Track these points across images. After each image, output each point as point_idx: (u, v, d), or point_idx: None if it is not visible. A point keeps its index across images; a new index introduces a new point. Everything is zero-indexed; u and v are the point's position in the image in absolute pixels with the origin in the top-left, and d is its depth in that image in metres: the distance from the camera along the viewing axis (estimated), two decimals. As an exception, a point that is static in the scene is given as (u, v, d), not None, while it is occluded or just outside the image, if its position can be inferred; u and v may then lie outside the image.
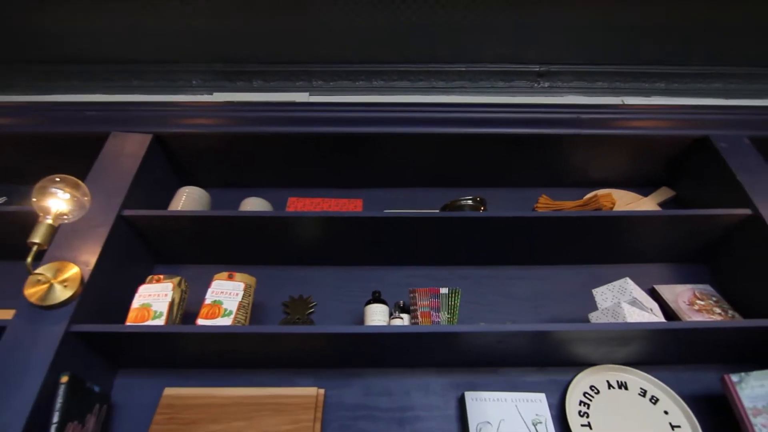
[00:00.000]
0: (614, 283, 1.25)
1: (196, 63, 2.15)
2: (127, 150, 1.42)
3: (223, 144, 1.55)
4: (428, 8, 1.92)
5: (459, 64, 2.18)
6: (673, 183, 1.70)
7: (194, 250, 1.46)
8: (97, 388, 1.15)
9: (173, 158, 1.58)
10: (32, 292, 1.08)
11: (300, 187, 1.70)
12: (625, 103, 2.20)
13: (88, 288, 1.14)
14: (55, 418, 1.00)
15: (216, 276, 1.26)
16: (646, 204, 1.65)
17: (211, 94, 2.19)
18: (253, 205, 1.49)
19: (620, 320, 1.16)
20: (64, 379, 1.03)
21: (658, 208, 1.65)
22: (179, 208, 1.45)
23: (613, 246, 1.44)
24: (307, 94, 2.20)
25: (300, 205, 1.54)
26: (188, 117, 1.53)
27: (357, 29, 2.00)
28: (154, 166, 1.48)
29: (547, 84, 2.25)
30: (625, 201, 1.66)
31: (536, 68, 2.21)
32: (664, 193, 1.69)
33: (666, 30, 2.05)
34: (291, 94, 2.19)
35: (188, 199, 1.47)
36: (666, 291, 1.43)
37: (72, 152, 1.51)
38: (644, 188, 1.73)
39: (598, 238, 1.40)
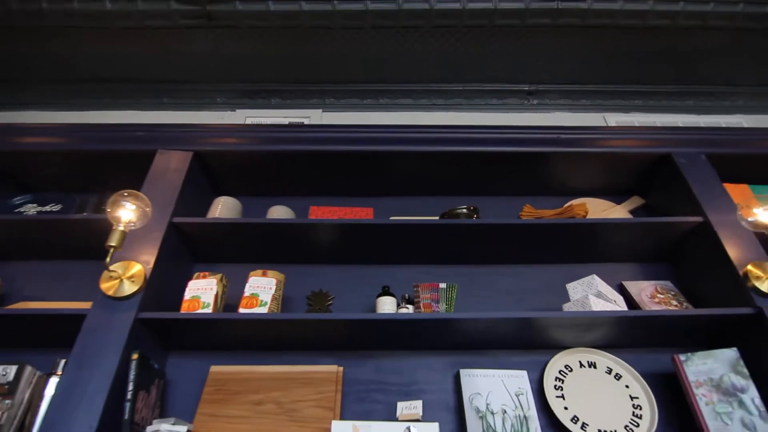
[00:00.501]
0: (583, 279, 1.50)
1: (220, 83, 2.40)
2: (172, 165, 1.67)
3: (252, 159, 1.79)
4: (427, 38, 2.18)
5: (456, 84, 2.43)
6: (644, 192, 1.95)
7: (229, 251, 1.71)
8: (156, 365, 1.39)
9: (209, 171, 1.82)
10: (107, 286, 1.33)
11: (319, 196, 1.94)
12: (606, 119, 2.45)
13: (149, 283, 1.38)
14: (130, 387, 1.24)
15: (252, 273, 1.50)
16: (619, 211, 1.89)
17: (234, 111, 2.44)
18: (279, 212, 1.74)
19: (587, 310, 1.40)
20: (135, 356, 1.28)
21: (629, 215, 1.90)
22: (216, 216, 1.70)
23: (586, 248, 1.69)
24: (321, 110, 2.45)
25: (320, 212, 1.78)
26: (222, 137, 1.77)
27: (366, 55, 2.25)
28: (195, 179, 1.72)
29: (536, 101, 2.50)
30: (601, 208, 1.91)
31: (526, 87, 2.46)
32: (635, 202, 1.93)
33: (642, 54, 2.30)
34: (306, 111, 2.44)
35: (224, 208, 1.72)
36: (632, 286, 1.68)
37: (124, 166, 1.76)
38: (618, 197, 1.98)
39: (573, 241, 1.64)
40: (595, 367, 1.51)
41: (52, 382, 1.26)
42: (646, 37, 2.19)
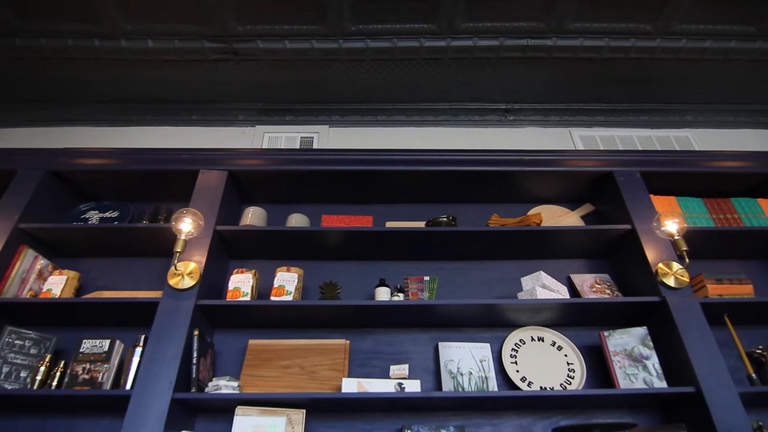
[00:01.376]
0: (533, 274, 1.94)
1: (242, 103, 2.82)
2: (212, 183, 2.09)
3: (273, 176, 2.21)
4: (418, 68, 2.58)
5: (443, 103, 2.85)
6: (594, 200, 2.38)
7: (257, 251, 2.14)
8: (209, 339, 1.85)
9: (240, 185, 2.25)
10: (174, 281, 1.77)
11: (329, 204, 2.37)
12: (572, 133, 2.86)
13: (203, 277, 1.83)
14: (194, 354, 1.70)
15: (278, 269, 1.94)
16: (572, 216, 2.33)
17: (254, 127, 2.86)
18: (296, 219, 2.17)
19: (529, 295, 1.85)
20: (196, 332, 1.73)
21: (580, 220, 2.33)
22: (248, 222, 2.13)
23: (540, 248, 2.13)
24: (327, 126, 2.86)
25: (330, 220, 2.21)
26: (250, 158, 2.19)
27: (366, 82, 2.67)
28: (229, 192, 2.15)
29: (511, 117, 2.91)
30: (558, 214, 2.34)
31: (503, 106, 2.87)
32: (586, 208, 2.37)
33: (601, 78, 2.71)
34: (315, 126, 2.86)
35: (253, 216, 2.15)
36: (577, 278, 2.13)
37: (171, 182, 2.19)
38: (573, 203, 2.41)
39: (530, 243, 2.09)
40: (542, 341, 1.97)
41: (137, 352, 1.71)
42: (603, 66, 2.59)
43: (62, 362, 1.75)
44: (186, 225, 1.77)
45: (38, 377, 1.69)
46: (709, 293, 1.93)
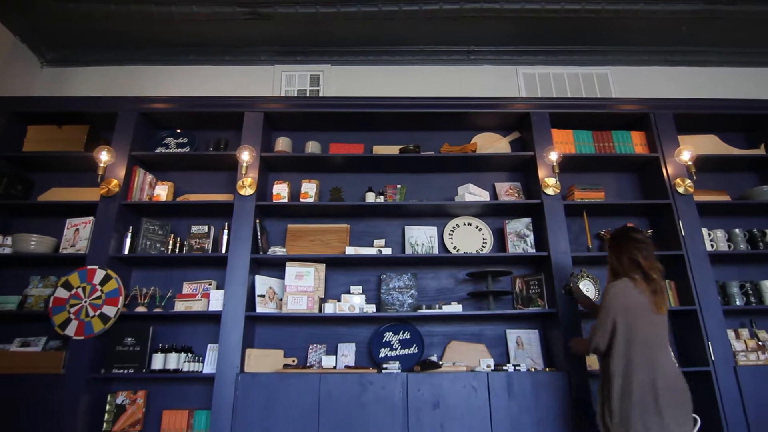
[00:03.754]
0: (464, 185, 3.05)
1: (263, 46, 3.62)
2: (254, 121, 3.07)
3: (294, 115, 3.18)
4: (400, 20, 3.36)
5: (420, 46, 3.66)
6: (520, 129, 3.37)
7: (287, 166, 3.21)
8: (264, 224, 3.02)
9: (271, 121, 3.23)
10: (241, 191, 2.87)
11: (334, 132, 3.36)
12: (518, 70, 3.72)
13: (258, 187, 2.92)
14: (259, 232, 2.88)
15: (303, 180, 3.04)
16: (503, 141, 3.35)
17: (273, 66, 3.70)
18: (312, 146, 3.18)
19: (461, 200, 2.99)
20: (258, 221, 2.89)
21: (508, 145, 3.35)
22: (279, 149, 3.15)
23: (476, 165, 3.20)
24: (330, 65, 3.71)
25: (335, 147, 3.21)
26: (278, 103, 3.13)
27: (360, 31, 3.46)
28: (266, 127, 3.14)
29: (473, 57, 3.76)
30: (493, 140, 3.36)
31: (466, 48, 3.68)
32: (514, 135, 3.37)
33: (541, 26, 3.49)
34: (320, 65, 3.71)
35: (283, 144, 3.17)
36: (498, 186, 3.24)
37: (223, 119, 3.17)
38: (506, 131, 3.40)
39: (468, 163, 3.15)
40: (470, 225, 3.15)
41: (225, 233, 2.88)
42: (543, 16, 3.36)
43: (178, 239, 2.95)
44: (245, 155, 2.83)
45: (169, 247, 2.90)
46: (575, 197, 3.06)
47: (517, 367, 2.59)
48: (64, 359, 2.57)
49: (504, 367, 2.60)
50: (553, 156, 2.93)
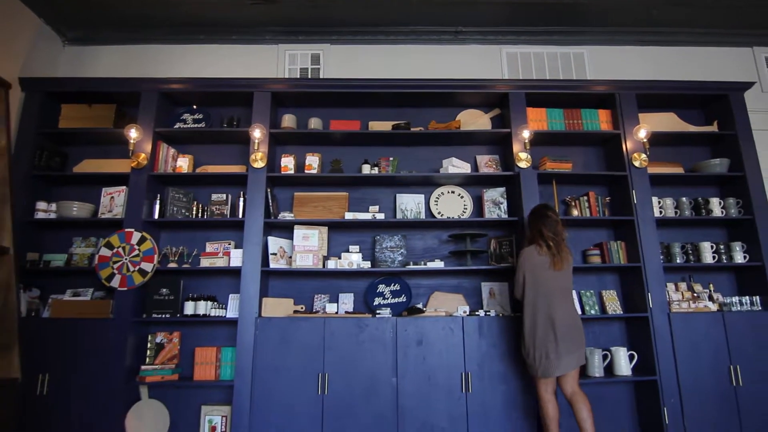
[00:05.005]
0: (449, 158, 3.48)
1: (268, 26, 3.94)
2: (263, 100, 3.46)
3: (298, 94, 3.56)
4: (390, 7, 3.66)
5: (412, 26, 3.97)
6: (501, 107, 3.76)
7: (294, 141, 3.63)
8: (274, 192, 3.48)
9: (278, 99, 3.61)
10: (254, 164, 3.30)
11: (334, 108, 3.75)
12: (501, 50, 4.07)
13: (268, 160, 3.35)
14: (270, 200, 3.35)
15: (307, 154, 3.46)
16: (484, 117, 3.75)
17: (277, 45, 4.03)
18: (314, 123, 3.58)
19: (445, 172, 3.43)
20: (269, 189, 3.34)
21: (489, 121, 3.75)
22: (285, 125, 3.55)
23: (461, 140, 3.62)
24: (329, 44, 4.04)
25: (335, 124, 3.61)
26: (283, 83, 3.50)
27: (357, 13, 3.76)
28: (273, 104, 3.53)
29: (461, 37, 4.07)
30: (476, 116, 3.75)
31: (454, 29, 4.00)
32: (495, 112, 3.77)
33: (525, 9, 3.79)
34: (321, 45, 4.03)
35: (288, 120, 3.56)
36: (479, 158, 3.67)
37: (234, 98, 3.55)
38: (488, 107, 3.79)
39: (454, 138, 3.57)
40: (453, 193, 3.61)
41: (241, 201, 3.33)
42: (524, 1, 3.67)
43: (200, 205, 3.41)
44: (257, 133, 3.24)
45: (193, 212, 3.36)
46: (547, 167, 3.49)
47: (488, 313, 3.14)
48: (111, 306, 3.09)
49: (477, 313, 3.14)
50: (526, 134, 3.35)
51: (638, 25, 3.99)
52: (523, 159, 3.39)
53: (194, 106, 3.67)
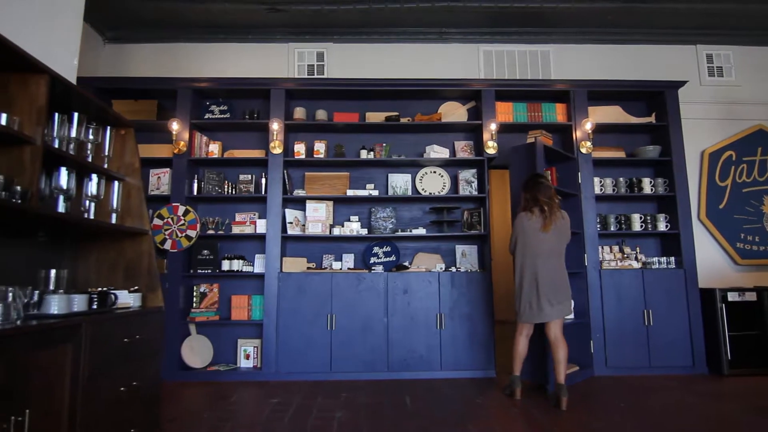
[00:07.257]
0: (431, 145, 4.27)
1: (279, 28, 4.61)
2: (278, 96, 4.20)
3: (306, 90, 4.29)
4: (383, 12, 4.34)
5: (403, 28, 4.64)
6: (476, 100, 4.50)
7: (304, 130, 4.39)
8: (289, 173, 4.28)
9: (291, 95, 4.34)
10: (273, 150, 4.09)
11: (337, 100, 4.48)
12: (479, 48, 4.76)
13: (284, 147, 4.14)
14: (286, 179, 4.17)
15: (316, 140, 4.24)
16: (462, 109, 4.49)
17: (287, 44, 4.71)
18: (320, 114, 4.33)
19: (428, 156, 4.23)
20: (285, 171, 4.15)
21: (466, 112, 4.50)
22: (297, 117, 4.30)
23: (442, 128, 4.39)
24: (332, 43, 4.72)
25: (338, 116, 4.35)
26: (294, 82, 4.22)
27: (357, 17, 4.44)
28: (287, 99, 4.27)
29: (444, 37, 4.75)
30: (454, 107, 4.50)
31: (438, 30, 4.68)
32: (471, 104, 4.51)
33: (497, 12, 4.47)
34: (325, 44, 4.72)
35: (299, 112, 4.31)
36: (457, 144, 4.45)
37: (253, 93, 4.29)
38: (466, 100, 4.53)
39: (436, 127, 4.34)
40: (435, 173, 4.42)
41: (263, 180, 4.14)
42: (497, 10, 4.34)
43: (229, 183, 4.22)
44: (275, 125, 4.01)
45: (225, 189, 4.18)
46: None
47: (459, 269, 4.04)
48: (165, 264, 3.96)
49: (450, 269, 4.04)
50: (493, 126, 4.13)
51: (597, 26, 4.66)
52: (491, 147, 4.18)
53: (220, 99, 4.40)
